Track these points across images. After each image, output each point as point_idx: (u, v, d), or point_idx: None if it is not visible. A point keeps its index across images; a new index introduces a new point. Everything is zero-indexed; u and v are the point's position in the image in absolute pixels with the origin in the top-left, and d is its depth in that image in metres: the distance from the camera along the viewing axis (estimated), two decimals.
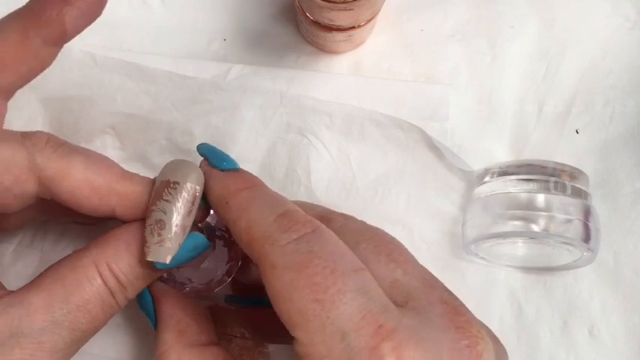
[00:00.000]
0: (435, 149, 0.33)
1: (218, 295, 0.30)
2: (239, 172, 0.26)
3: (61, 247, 0.33)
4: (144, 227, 0.25)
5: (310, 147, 0.33)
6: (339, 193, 0.34)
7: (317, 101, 0.33)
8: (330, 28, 0.31)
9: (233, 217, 0.24)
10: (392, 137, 0.34)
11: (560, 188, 0.30)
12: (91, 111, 0.33)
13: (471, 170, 0.33)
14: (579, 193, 0.31)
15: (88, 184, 0.24)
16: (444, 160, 0.34)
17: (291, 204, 0.24)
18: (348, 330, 0.19)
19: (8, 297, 0.23)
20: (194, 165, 0.26)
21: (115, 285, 0.24)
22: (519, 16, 0.36)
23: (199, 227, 0.28)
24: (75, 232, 0.33)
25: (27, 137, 0.24)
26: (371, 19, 0.32)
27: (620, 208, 0.34)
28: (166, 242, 0.24)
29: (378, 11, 0.32)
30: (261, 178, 0.26)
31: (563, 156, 0.34)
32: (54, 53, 0.25)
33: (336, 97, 0.34)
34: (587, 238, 0.30)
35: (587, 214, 0.30)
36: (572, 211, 0.30)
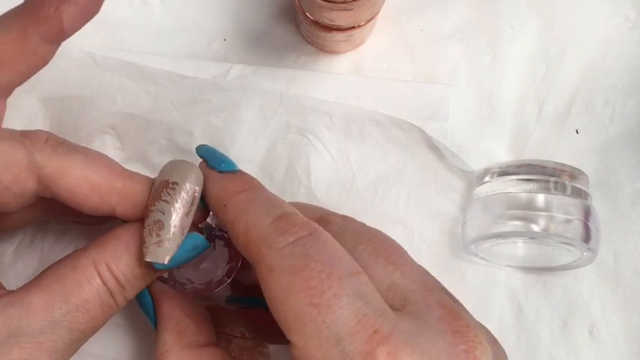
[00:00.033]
0: (435, 149, 0.33)
1: (218, 295, 0.30)
2: (238, 173, 0.26)
3: (61, 247, 0.33)
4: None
5: (310, 147, 0.33)
6: (339, 193, 0.34)
7: (317, 101, 0.33)
8: (330, 28, 0.31)
9: (231, 219, 0.23)
10: (392, 137, 0.34)
11: (560, 188, 0.30)
12: (91, 111, 0.33)
13: (471, 170, 0.33)
14: (579, 193, 0.31)
15: (88, 183, 0.24)
16: (444, 160, 0.34)
17: (289, 206, 0.24)
18: (343, 335, 0.19)
19: (8, 297, 0.23)
20: (193, 165, 0.26)
21: (114, 285, 0.24)
22: (519, 16, 0.36)
23: (199, 228, 0.28)
24: (75, 232, 0.33)
25: (26, 136, 0.24)
26: (371, 19, 0.32)
27: (620, 208, 0.34)
28: (165, 243, 0.24)
29: (378, 11, 0.32)
30: (261, 178, 0.26)
31: (563, 156, 0.34)
32: (52, 51, 0.25)
33: (336, 97, 0.34)
34: (587, 238, 0.30)
35: (587, 214, 0.30)
36: (572, 211, 0.30)
